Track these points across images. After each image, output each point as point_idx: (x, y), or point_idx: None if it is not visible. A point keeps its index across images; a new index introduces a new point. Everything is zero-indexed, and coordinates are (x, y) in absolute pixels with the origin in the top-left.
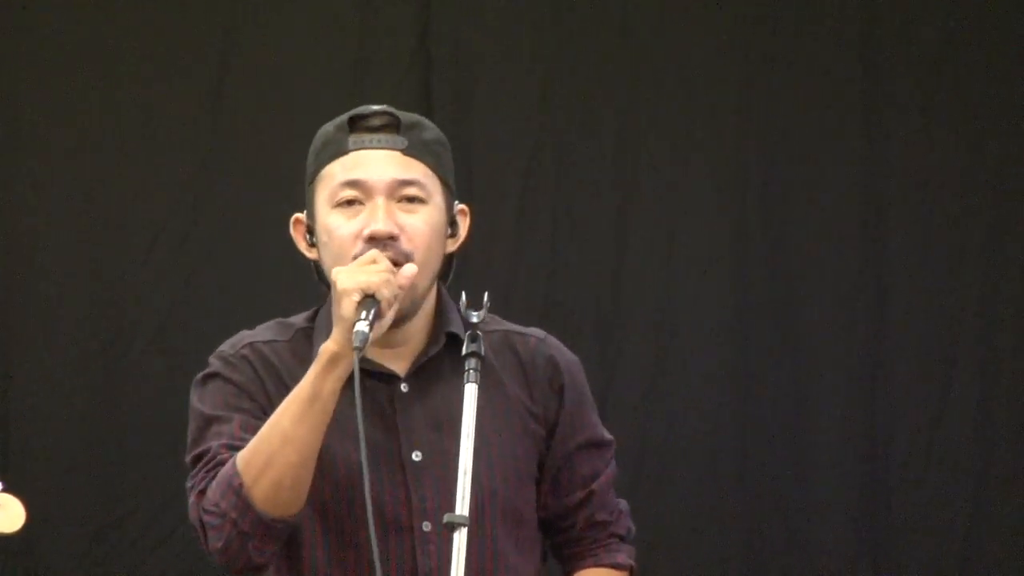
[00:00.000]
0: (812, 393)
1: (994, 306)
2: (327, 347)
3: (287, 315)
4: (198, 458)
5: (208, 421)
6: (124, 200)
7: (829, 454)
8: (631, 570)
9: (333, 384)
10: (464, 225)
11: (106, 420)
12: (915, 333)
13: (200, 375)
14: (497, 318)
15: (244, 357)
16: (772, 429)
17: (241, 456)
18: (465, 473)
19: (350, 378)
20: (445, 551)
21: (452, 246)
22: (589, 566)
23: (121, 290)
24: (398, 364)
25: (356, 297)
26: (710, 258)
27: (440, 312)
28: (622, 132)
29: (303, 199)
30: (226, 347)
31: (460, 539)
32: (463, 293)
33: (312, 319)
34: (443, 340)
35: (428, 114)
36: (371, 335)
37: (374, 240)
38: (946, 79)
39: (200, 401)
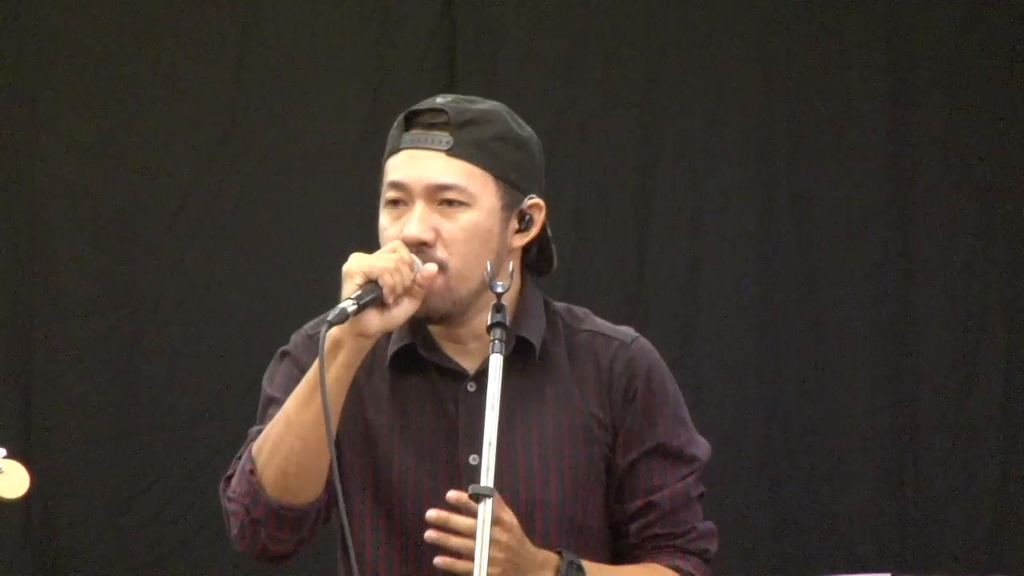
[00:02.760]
0: (838, 375)
1: (1022, 285)
2: (329, 333)
3: (306, 290)
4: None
5: (268, 402)
6: (145, 174)
7: (856, 435)
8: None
9: (337, 371)
10: (538, 220)
11: (127, 394)
12: (942, 313)
13: (280, 350)
14: (591, 316)
15: (318, 339)
16: (798, 413)
17: (256, 442)
18: (490, 445)
19: (420, 378)
20: None
21: (520, 241)
22: (649, 562)
23: (142, 264)
24: (469, 361)
25: (358, 280)
26: (735, 235)
27: (518, 312)
28: (648, 104)
29: (324, 172)
30: (308, 325)
31: (485, 510)
32: (488, 264)
33: None
34: (512, 345)
35: (452, 83)
36: (376, 324)
37: (407, 244)
38: (973, 55)
39: (268, 379)
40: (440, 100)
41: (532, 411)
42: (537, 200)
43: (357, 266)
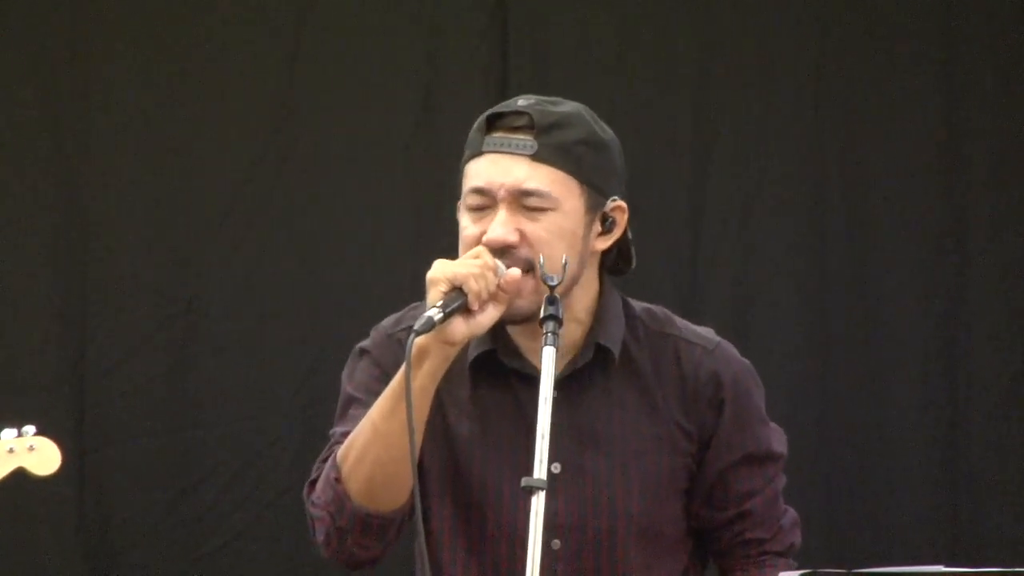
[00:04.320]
0: (890, 370)
1: None
2: (415, 340)
3: (358, 287)
4: (329, 441)
5: (348, 401)
6: (198, 170)
7: (908, 428)
8: None
9: (423, 379)
10: (620, 222)
11: (180, 389)
12: (994, 307)
13: (357, 347)
14: (671, 318)
15: (399, 341)
16: (850, 407)
17: (340, 449)
18: (543, 437)
19: (501, 384)
20: (573, 569)
21: (603, 243)
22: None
23: (195, 259)
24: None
25: (443, 288)
26: (787, 229)
27: (598, 318)
28: (699, 98)
29: (376, 168)
30: (388, 323)
31: (538, 503)
32: (540, 256)
33: None
34: (591, 353)
35: (503, 80)
36: (462, 331)
37: (491, 247)
38: None
39: (348, 376)
40: (522, 103)
41: (614, 419)
42: (620, 202)
43: (441, 273)
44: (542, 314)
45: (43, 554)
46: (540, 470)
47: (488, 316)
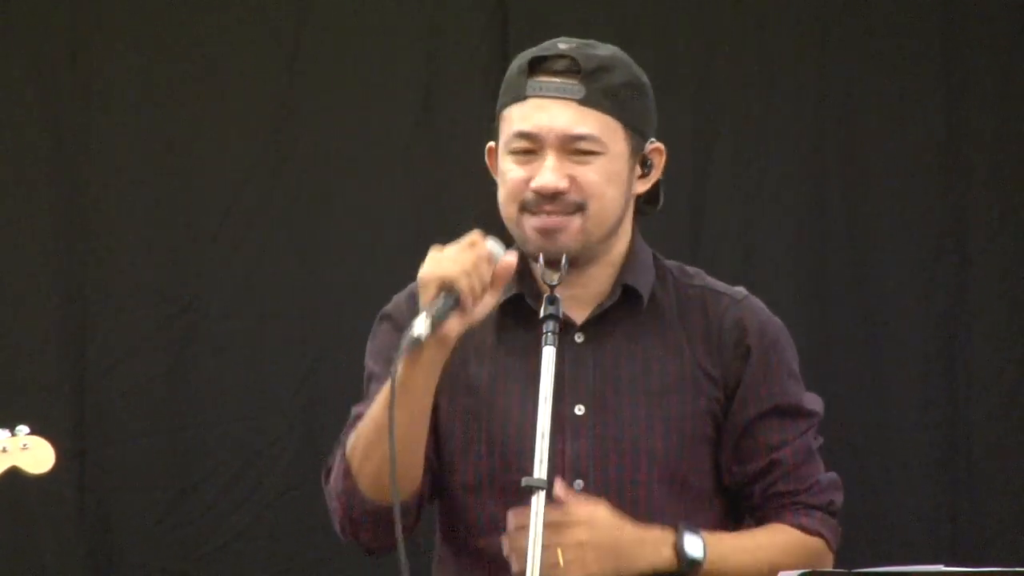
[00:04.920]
0: (890, 367)
1: None
2: (400, 361)
3: (359, 285)
4: (350, 421)
5: (369, 377)
6: (198, 169)
7: (908, 427)
8: (827, 541)
9: (423, 373)
10: (659, 163)
11: (180, 387)
12: (994, 306)
13: (381, 312)
14: (703, 274)
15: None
16: (850, 406)
17: (351, 440)
18: (543, 436)
19: (526, 327)
20: None
21: (643, 187)
22: (773, 522)
23: (195, 258)
24: (577, 311)
25: (432, 291)
26: (787, 228)
27: (628, 262)
28: (700, 99)
29: (376, 166)
30: (402, 293)
31: (538, 503)
32: (541, 255)
33: None
34: (619, 293)
35: (505, 74)
36: (457, 329)
37: (540, 194)
38: None
39: (370, 348)
40: (563, 46)
41: (637, 359)
42: (658, 144)
43: (432, 273)
44: (542, 314)
45: (43, 554)
46: (540, 470)
47: (484, 306)
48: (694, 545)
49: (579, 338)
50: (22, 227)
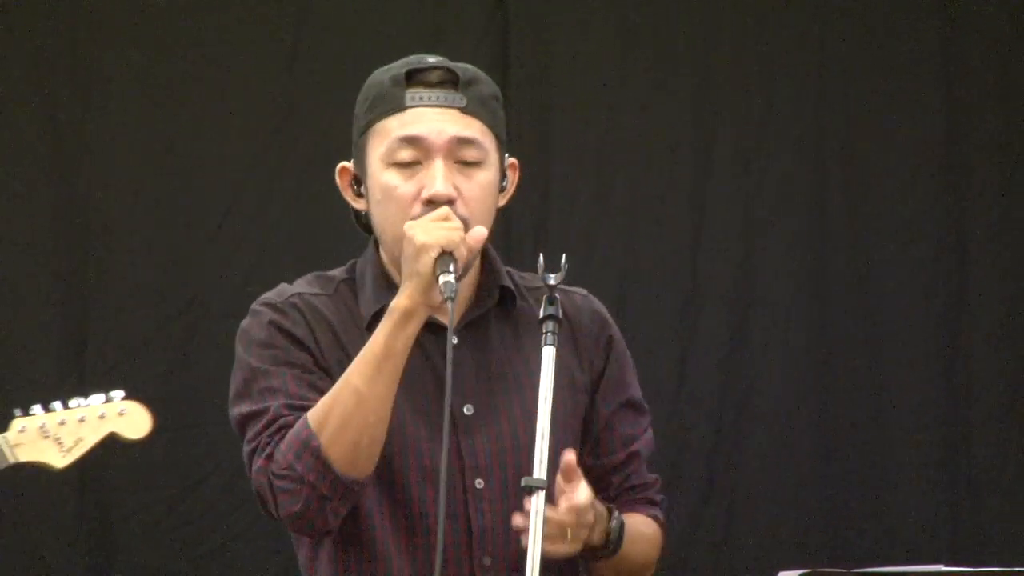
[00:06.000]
0: (891, 369)
1: None
2: (399, 304)
3: None
4: (251, 416)
5: (255, 374)
6: (199, 168)
7: (908, 429)
8: (663, 526)
9: (405, 341)
10: (513, 179)
11: (181, 386)
12: (993, 308)
13: (247, 322)
14: (538, 277)
15: (294, 305)
16: (851, 407)
17: (313, 417)
18: (543, 436)
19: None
20: (499, 509)
21: (502, 200)
22: (625, 511)
23: (196, 258)
24: (444, 317)
25: (434, 253)
26: (788, 231)
27: (489, 267)
28: (700, 99)
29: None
30: (271, 295)
31: (538, 502)
32: (540, 256)
33: (350, 271)
34: (496, 295)
35: (505, 75)
36: (439, 295)
37: (432, 204)
38: None
39: (247, 350)
40: (432, 59)
41: (516, 360)
42: (513, 160)
43: (432, 238)
44: (542, 314)
45: (43, 554)
46: (540, 470)
47: (464, 278)
48: (620, 527)
49: (455, 340)
50: (22, 227)
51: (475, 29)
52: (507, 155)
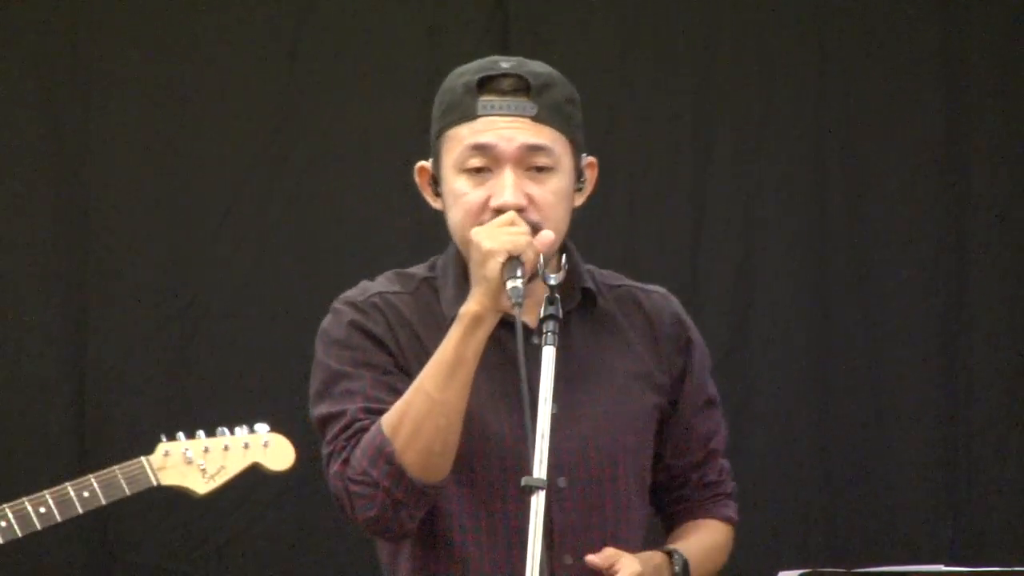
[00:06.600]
0: (891, 367)
1: None
2: (469, 309)
3: (364, 278)
4: (330, 419)
5: (334, 375)
6: (199, 168)
7: (909, 427)
8: (734, 523)
9: (476, 346)
10: (592, 177)
11: (180, 387)
12: (994, 306)
13: (327, 320)
14: (618, 274)
15: (375, 305)
16: (852, 405)
17: (387, 422)
18: (543, 437)
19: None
20: (581, 508)
21: (579, 200)
22: (700, 517)
23: (196, 258)
24: (530, 316)
25: (502, 259)
26: (789, 229)
27: (574, 267)
28: (700, 99)
29: (376, 166)
30: (354, 293)
31: (538, 502)
32: (540, 257)
33: (432, 269)
34: (578, 296)
35: None
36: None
37: (501, 213)
38: None
39: (327, 351)
40: (506, 64)
41: (597, 359)
42: (592, 159)
43: (498, 244)
44: (542, 314)
45: (43, 554)
46: (540, 470)
47: (535, 280)
48: (684, 566)
49: (536, 341)
50: (22, 227)
51: (475, 29)
52: (585, 155)
